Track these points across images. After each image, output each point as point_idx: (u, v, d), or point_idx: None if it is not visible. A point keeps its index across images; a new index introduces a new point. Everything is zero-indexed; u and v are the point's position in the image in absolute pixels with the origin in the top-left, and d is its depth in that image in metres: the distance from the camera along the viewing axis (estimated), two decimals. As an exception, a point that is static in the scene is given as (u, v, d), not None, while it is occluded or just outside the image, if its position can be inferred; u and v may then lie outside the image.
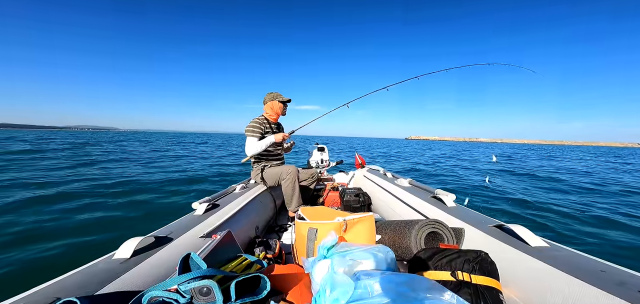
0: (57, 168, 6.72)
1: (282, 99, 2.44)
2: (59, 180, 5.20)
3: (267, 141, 2.31)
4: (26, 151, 10.43)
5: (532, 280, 0.89)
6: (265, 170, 2.38)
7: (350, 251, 0.94)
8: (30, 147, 11.92)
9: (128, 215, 3.44)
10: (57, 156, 9.44)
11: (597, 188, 6.11)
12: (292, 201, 2.20)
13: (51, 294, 0.69)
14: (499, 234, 1.15)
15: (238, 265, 0.88)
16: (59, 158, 8.74)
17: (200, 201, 1.62)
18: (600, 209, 4.20)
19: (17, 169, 6.36)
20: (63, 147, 13.02)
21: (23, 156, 8.92)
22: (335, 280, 0.75)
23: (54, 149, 12.06)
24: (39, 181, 5.03)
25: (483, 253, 0.94)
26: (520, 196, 4.95)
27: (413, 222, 1.28)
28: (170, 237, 1.14)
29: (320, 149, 3.76)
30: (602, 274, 0.78)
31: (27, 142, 15.56)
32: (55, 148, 12.45)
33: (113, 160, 8.98)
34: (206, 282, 0.66)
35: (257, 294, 0.75)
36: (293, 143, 2.78)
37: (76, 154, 10.46)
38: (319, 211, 1.39)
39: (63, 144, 15.92)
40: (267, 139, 2.32)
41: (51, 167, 6.90)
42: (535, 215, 3.80)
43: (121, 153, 11.51)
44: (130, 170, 6.87)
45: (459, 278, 0.88)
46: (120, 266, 0.87)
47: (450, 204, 1.58)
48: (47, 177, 5.48)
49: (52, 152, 10.62)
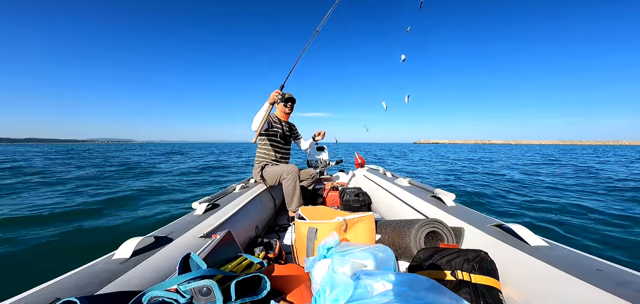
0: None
1: (283, 96, 2.42)
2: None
3: (259, 117, 2.18)
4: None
5: (531, 279, 0.89)
6: (265, 169, 2.38)
7: (350, 250, 0.94)
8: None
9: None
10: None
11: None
12: (292, 201, 2.20)
13: (51, 295, 0.69)
14: (498, 234, 1.15)
15: (238, 265, 0.88)
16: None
17: (200, 201, 1.62)
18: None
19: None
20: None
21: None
22: (335, 280, 0.75)
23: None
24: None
25: (483, 253, 0.94)
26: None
27: (413, 221, 1.28)
28: (170, 237, 1.14)
29: (320, 149, 3.76)
30: (601, 274, 0.78)
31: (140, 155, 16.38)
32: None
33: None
34: (206, 282, 0.66)
35: (257, 294, 0.75)
36: (321, 133, 2.74)
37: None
38: (319, 210, 1.39)
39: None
40: (260, 113, 2.19)
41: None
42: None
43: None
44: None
45: (458, 277, 0.88)
46: (120, 266, 0.87)
47: (450, 203, 1.58)
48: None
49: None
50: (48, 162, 12.25)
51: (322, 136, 2.77)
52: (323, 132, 2.78)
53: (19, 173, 7.74)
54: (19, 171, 8.36)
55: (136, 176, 7.75)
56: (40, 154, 19.92)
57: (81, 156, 17.02)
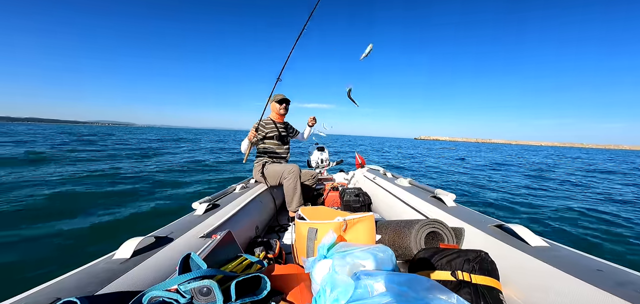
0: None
1: (277, 99, 2.48)
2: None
3: (244, 145, 2.31)
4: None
5: (532, 280, 0.89)
6: (266, 166, 2.38)
7: (350, 251, 0.94)
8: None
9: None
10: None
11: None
12: (293, 201, 2.20)
13: (51, 295, 0.69)
14: (499, 234, 1.15)
15: (238, 265, 0.88)
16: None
17: (200, 201, 1.62)
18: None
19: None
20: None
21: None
22: (336, 280, 0.75)
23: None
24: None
25: (483, 253, 0.94)
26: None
27: (413, 222, 1.28)
28: (171, 237, 1.14)
29: (320, 149, 3.76)
30: (601, 274, 0.78)
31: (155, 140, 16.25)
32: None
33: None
34: (206, 282, 0.66)
35: (257, 295, 0.75)
36: (313, 118, 2.71)
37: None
38: (319, 210, 1.39)
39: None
40: (244, 142, 2.31)
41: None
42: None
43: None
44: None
45: (459, 277, 0.88)
46: (121, 266, 0.87)
47: (450, 204, 1.58)
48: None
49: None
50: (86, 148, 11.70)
51: (315, 121, 2.72)
52: (314, 117, 2.73)
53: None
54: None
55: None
56: (59, 136, 19.13)
57: (104, 142, 15.97)
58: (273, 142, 2.50)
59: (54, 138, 17.23)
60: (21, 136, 18.35)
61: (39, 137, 17.79)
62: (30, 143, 12.37)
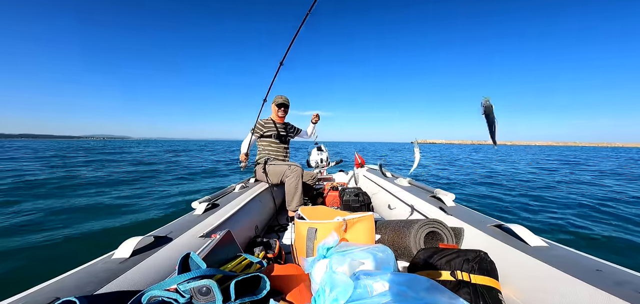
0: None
1: (276, 102, 2.55)
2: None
3: (244, 145, 2.49)
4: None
5: (531, 280, 0.89)
6: (268, 165, 2.40)
7: (349, 250, 0.94)
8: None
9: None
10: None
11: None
12: (293, 200, 2.21)
13: (50, 294, 0.69)
14: (498, 234, 1.15)
15: (237, 265, 0.88)
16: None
17: (199, 200, 1.62)
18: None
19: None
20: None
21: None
22: (335, 280, 0.75)
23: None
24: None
25: (482, 253, 0.94)
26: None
27: (412, 222, 1.28)
28: (170, 237, 1.14)
29: (320, 149, 3.76)
30: (600, 274, 0.78)
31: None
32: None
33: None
34: (206, 282, 0.66)
35: (256, 294, 0.75)
36: (317, 114, 2.88)
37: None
38: (319, 210, 1.39)
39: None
40: (244, 143, 2.50)
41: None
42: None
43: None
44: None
45: (458, 277, 0.88)
46: (120, 265, 0.87)
47: (450, 204, 1.58)
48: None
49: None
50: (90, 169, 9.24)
51: (318, 118, 2.89)
52: (317, 114, 2.90)
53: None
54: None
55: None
56: (55, 150, 18.21)
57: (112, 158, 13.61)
58: (271, 141, 2.56)
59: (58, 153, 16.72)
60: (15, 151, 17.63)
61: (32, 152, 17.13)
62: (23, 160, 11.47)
